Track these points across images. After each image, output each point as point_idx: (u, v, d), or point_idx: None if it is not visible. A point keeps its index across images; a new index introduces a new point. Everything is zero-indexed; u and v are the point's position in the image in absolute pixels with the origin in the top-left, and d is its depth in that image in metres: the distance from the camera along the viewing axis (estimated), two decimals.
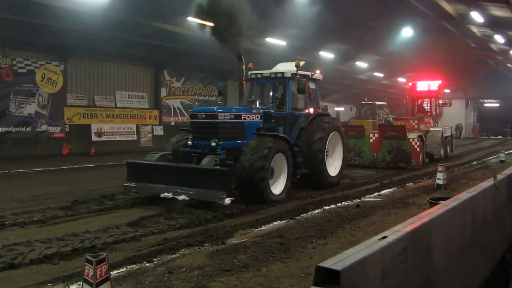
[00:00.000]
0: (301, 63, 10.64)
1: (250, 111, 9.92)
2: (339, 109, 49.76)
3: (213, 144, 8.78)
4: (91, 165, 16.13)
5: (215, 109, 9.25)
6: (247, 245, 5.94)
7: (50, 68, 19.12)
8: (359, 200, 9.46)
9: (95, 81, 21.60)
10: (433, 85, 19.80)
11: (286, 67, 11.05)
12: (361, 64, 32.83)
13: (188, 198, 8.01)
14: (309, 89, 10.81)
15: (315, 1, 17.51)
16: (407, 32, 23.21)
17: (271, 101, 11.27)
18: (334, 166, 11.36)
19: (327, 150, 10.91)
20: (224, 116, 9.18)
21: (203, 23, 10.25)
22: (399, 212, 8.25)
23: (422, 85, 19.97)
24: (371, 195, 10.14)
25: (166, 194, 8.20)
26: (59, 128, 19.61)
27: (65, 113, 19.84)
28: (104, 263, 3.63)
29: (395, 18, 21.21)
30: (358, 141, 15.86)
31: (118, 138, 21.99)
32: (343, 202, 9.18)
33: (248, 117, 9.74)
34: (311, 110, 10.97)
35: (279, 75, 10.62)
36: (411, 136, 15.45)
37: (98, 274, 3.56)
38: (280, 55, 23.08)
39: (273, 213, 8.01)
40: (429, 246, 3.27)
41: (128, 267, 5.10)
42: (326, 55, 27.77)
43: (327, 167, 10.75)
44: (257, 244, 5.98)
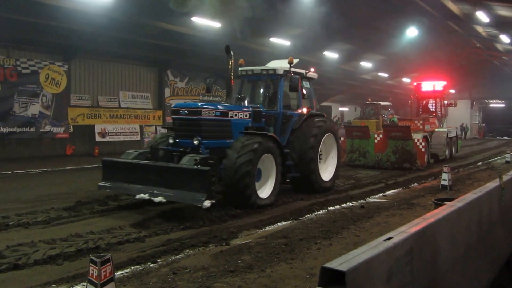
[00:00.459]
0: (295, 61, 10.10)
1: (238, 109, 9.38)
2: (344, 110, 49.74)
3: (196, 143, 8.24)
4: (95, 166, 16.12)
5: (199, 105, 8.58)
6: (252, 246, 5.93)
7: (54, 69, 19.15)
8: (364, 201, 9.43)
9: (99, 82, 21.60)
10: (438, 86, 19.71)
11: (279, 64, 10.55)
12: (366, 64, 32.73)
13: (165, 200, 7.50)
14: (303, 88, 10.38)
15: (320, 1, 17.48)
16: (412, 32, 23.09)
17: (262, 100, 10.66)
18: (328, 170, 10.80)
19: (321, 153, 10.42)
20: (209, 113, 8.57)
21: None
22: (404, 213, 8.22)
23: (427, 86, 19.89)
24: (376, 196, 10.10)
25: (142, 196, 7.61)
26: (63, 129, 19.62)
27: (69, 114, 19.86)
28: (109, 264, 3.63)
29: (400, 18, 21.11)
30: (363, 142, 15.81)
31: (122, 139, 22.02)
32: (348, 203, 9.15)
33: (236, 115, 9.16)
34: (304, 110, 10.44)
35: (271, 72, 10.11)
36: (416, 137, 15.38)
37: (103, 275, 3.57)
38: (284, 55, 23.06)
39: (278, 214, 8.00)
40: (435, 247, 3.25)
41: (132, 268, 5.10)
42: (331, 55, 27.71)
43: (320, 171, 10.23)
44: (262, 245, 5.97)
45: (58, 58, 19.49)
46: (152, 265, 5.20)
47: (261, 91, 10.86)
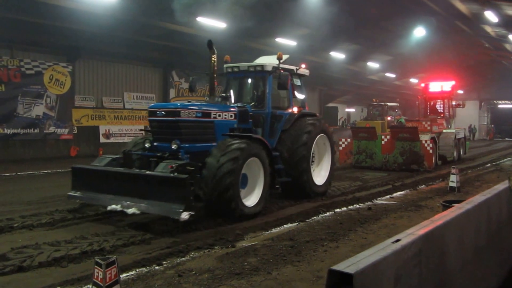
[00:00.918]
0: (285, 56, 9.48)
1: (222, 109, 8.67)
2: (350, 110, 49.57)
3: (174, 147, 7.56)
4: None
5: (178, 105, 7.89)
6: (257, 248, 5.89)
7: (58, 69, 19.22)
8: (371, 203, 9.35)
9: (103, 82, 21.61)
10: (446, 86, 19.55)
11: (268, 60, 9.84)
12: (373, 65, 32.61)
13: (139, 212, 6.82)
14: (293, 85, 9.76)
15: (327, 1, 17.41)
16: (420, 32, 22.94)
17: (250, 99, 9.89)
18: (321, 174, 10.10)
19: (313, 156, 9.77)
20: (189, 114, 7.84)
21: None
22: (412, 215, 8.14)
23: (435, 86, 19.74)
24: (383, 198, 10.02)
25: (114, 207, 6.97)
26: (67, 130, 19.69)
27: (73, 115, 19.91)
28: (114, 266, 3.61)
29: (408, 18, 20.99)
30: (370, 143, 15.72)
31: (127, 140, 21.95)
32: (355, 205, 9.08)
33: (220, 116, 8.46)
34: (295, 110, 9.77)
35: (258, 69, 9.41)
36: (424, 138, 15.26)
37: (108, 277, 3.55)
38: (290, 56, 23.02)
39: (284, 216, 7.95)
40: (443, 250, 3.23)
41: (138, 270, 5.08)
42: (337, 56, 27.64)
43: (313, 175, 9.55)
44: (268, 247, 5.93)
45: (62, 59, 19.56)
46: (158, 267, 5.18)
47: (248, 90, 10.14)
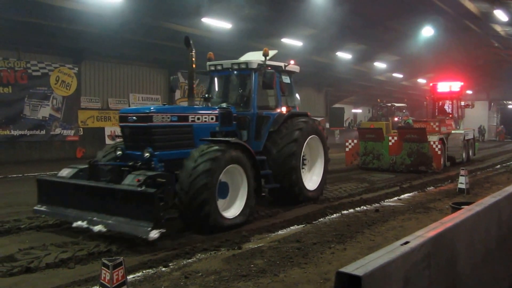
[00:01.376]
0: (272, 52, 8.84)
1: (202, 111, 8.05)
2: (357, 111, 49.35)
3: (146, 156, 6.95)
4: None
5: (150, 109, 7.23)
6: (264, 250, 5.86)
7: (64, 71, 19.35)
8: (378, 205, 9.27)
9: (109, 84, 21.70)
10: (455, 86, 19.39)
11: (256, 57, 9.12)
12: (380, 65, 32.46)
13: (105, 230, 6.24)
14: (282, 83, 9.16)
15: (333, 1, 17.35)
16: (428, 32, 22.76)
17: (235, 99, 9.24)
18: (313, 178, 9.55)
19: (304, 159, 9.27)
20: (162, 119, 7.22)
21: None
22: (420, 217, 8.05)
23: (443, 86, 19.58)
24: (391, 200, 9.93)
25: (80, 223, 6.40)
26: (73, 131, 19.81)
27: (79, 116, 20.01)
28: (121, 267, 3.62)
29: (415, 17, 20.83)
30: (377, 144, 15.62)
31: None
32: (362, 207, 9.00)
33: (199, 119, 7.85)
34: (284, 109, 9.17)
35: (243, 66, 8.78)
36: (432, 139, 15.12)
37: (115, 278, 3.56)
38: (296, 56, 22.96)
39: (290, 218, 7.90)
40: (453, 252, 3.19)
41: (144, 272, 5.08)
42: (344, 56, 27.55)
43: (304, 179, 8.99)
44: (274, 249, 5.90)
45: (68, 61, 19.69)
46: (164, 269, 5.18)
47: (233, 89, 9.45)
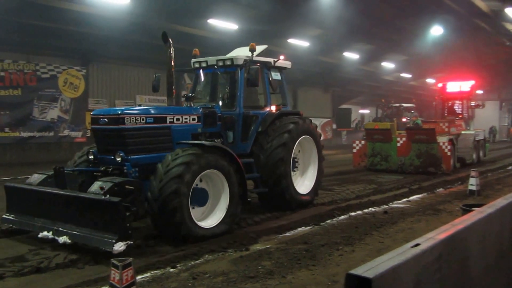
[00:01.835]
0: (260, 48, 8.40)
1: (183, 112, 7.64)
2: (364, 112, 49.06)
3: (118, 160, 6.55)
4: None
5: (122, 111, 6.79)
6: (272, 252, 5.85)
7: (72, 73, 19.58)
8: (387, 206, 9.20)
9: (116, 86, 21.87)
10: (465, 86, 19.16)
11: (243, 53, 8.62)
12: (388, 65, 32.28)
13: (70, 241, 5.86)
14: (271, 80, 8.68)
15: (340, 0, 17.27)
16: (437, 31, 22.51)
17: (220, 97, 8.78)
18: (305, 181, 9.04)
19: (296, 161, 8.89)
20: (136, 121, 6.78)
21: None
22: (430, 219, 7.97)
23: (453, 86, 19.36)
24: (400, 201, 9.85)
25: (46, 234, 6.06)
26: (81, 133, 20.04)
27: (87, 118, 20.03)
28: (130, 268, 3.63)
29: (425, 16, 20.63)
30: (385, 145, 15.51)
31: None
32: (370, 208, 8.93)
33: (179, 120, 7.42)
34: (273, 108, 8.68)
35: (228, 63, 8.26)
36: (441, 140, 14.98)
37: (124, 279, 3.58)
38: (302, 57, 22.91)
39: (298, 219, 7.87)
40: (464, 255, 3.14)
41: (152, 273, 5.10)
42: (351, 56, 27.45)
43: (294, 183, 8.50)
44: (282, 251, 5.88)
45: (76, 63, 19.92)
46: (172, 270, 5.19)
47: (218, 87, 9.00)
